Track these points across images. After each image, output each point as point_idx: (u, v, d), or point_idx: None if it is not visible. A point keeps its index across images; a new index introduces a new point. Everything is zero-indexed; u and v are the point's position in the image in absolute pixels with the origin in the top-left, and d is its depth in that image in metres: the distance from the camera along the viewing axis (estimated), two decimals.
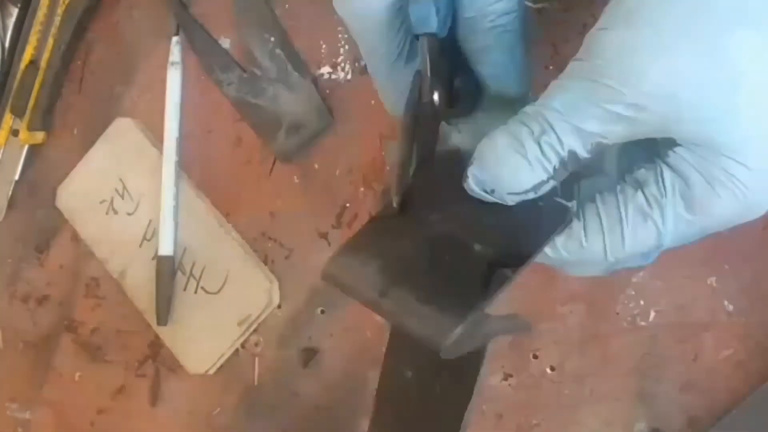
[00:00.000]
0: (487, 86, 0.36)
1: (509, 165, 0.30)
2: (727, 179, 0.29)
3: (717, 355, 0.43)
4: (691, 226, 0.30)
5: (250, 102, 0.53)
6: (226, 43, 0.54)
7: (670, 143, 0.30)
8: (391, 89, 0.38)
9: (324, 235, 0.52)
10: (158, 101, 0.55)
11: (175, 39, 0.54)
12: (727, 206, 0.29)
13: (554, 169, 0.30)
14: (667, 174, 0.30)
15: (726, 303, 0.43)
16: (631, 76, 0.28)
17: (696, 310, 0.43)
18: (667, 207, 0.30)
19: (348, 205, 0.51)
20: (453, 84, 0.35)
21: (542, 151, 0.30)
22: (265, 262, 0.53)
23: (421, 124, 0.34)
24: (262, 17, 0.52)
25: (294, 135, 0.52)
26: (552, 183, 0.31)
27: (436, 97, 0.34)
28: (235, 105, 0.53)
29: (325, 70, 0.51)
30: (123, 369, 0.59)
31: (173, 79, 0.55)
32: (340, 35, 0.50)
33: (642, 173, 0.31)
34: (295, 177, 0.52)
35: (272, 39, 0.52)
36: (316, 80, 0.51)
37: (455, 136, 0.36)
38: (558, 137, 0.30)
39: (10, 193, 0.62)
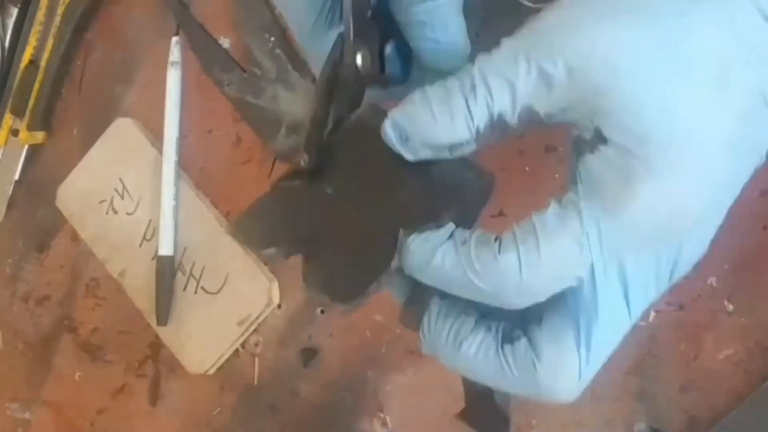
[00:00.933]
0: (419, 59, 0.34)
1: (430, 112, 0.29)
2: (646, 174, 0.27)
3: (717, 355, 0.43)
4: (610, 235, 0.28)
5: (249, 102, 0.53)
6: (226, 43, 0.54)
7: (596, 140, 0.28)
8: (314, 52, 0.36)
9: None
10: (158, 101, 0.55)
11: (175, 39, 0.54)
12: (643, 206, 0.27)
13: (477, 130, 0.29)
14: (584, 174, 0.28)
15: (726, 303, 0.43)
16: (570, 36, 0.27)
17: (696, 310, 0.43)
18: (584, 210, 0.28)
19: None
20: (383, 49, 0.34)
21: (468, 105, 0.29)
22: (265, 262, 0.53)
23: (340, 86, 0.33)
24: (262, 17, 0.52)
25: (294, 135, 0.52)
26: (472, 147, 0.30)
27: (359, 59, 0.33)
28: (235, 105, 0.53)
29: None
30: (123, 369, 0.59)
31: (173, 79, 0.55)
32: None
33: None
34: None
35: (272, 39, 0.52)
36: (316, 80, 0.51)
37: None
38: (489, 92, 0.28)
39: (10, 193, 0.62)
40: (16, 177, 0.61)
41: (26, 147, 0.61)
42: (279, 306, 0.53)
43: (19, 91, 0.59)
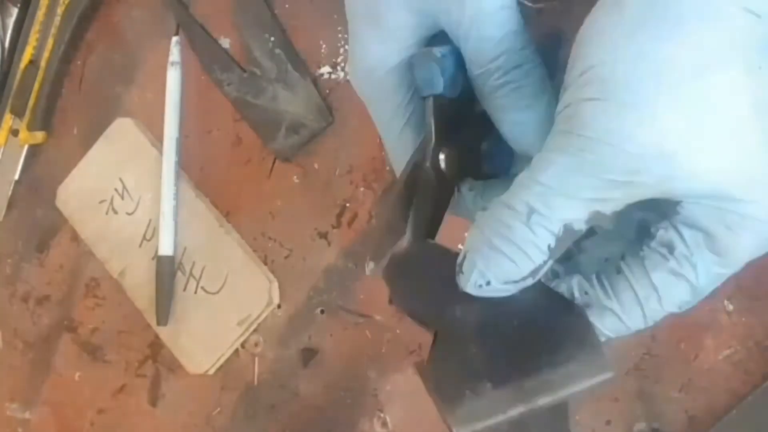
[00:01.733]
0: (511, 146, 0.33)
1: (502, 254, 0.29)
2: (743, 220, 0.28)
3: (717, 355, 0.43)
4: (721, 272, 0.30)
5: (249, 102, 0.53)
6: (226, 43, 0.54)
7: (674, 201, 0.29)
8: (399, 154, 0.36)
9: (324, 235, 0.52)
10: (158, 101, 0.55)
11: (175, 39, 0.54)
12: (750, 244, 0.29)
13: (549, 248, 0.28)
14: (687, 231, 0.29)
15: (726, 303, 0.43)
16: (621, 142, 0.27)
17: (696, 310, 0.43)
18: (698, 264, 0.29)
19: (348, 204, 0.51)
20: (478, 147, 0.33)
21: (533, 232, 0.28)
22: (265, 262, 0.53)
23: (422, 190, 0.32)
24: (262, 17, 0.52)
25: (294, 135, 0.52)
26: (550, 264, 0.29)
27: (441, 159, 0.31)
28: (234, 105, 0.53)
29: (325, 70, 0.51)
30: (123, 369, 0.59)
31: (173, 79, 0.55)
32: (340, 35, 0.50)
33: (662, 235, 0.30)
34: (295, 177, 0.52)
35: (272, 39, 0.51)
36: (316, 80, 0.51)
37: (469, 199, 0.34)
38: (549, 215, 0.28)
39: (10, 193, 0.62)
40: (16, 177, 0.61)
41: (26, 147, 0.61)
42: (279, 306, 0.53)
43: (19, 91, 0.59)
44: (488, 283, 0.29)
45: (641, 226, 0.31)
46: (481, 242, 0.29)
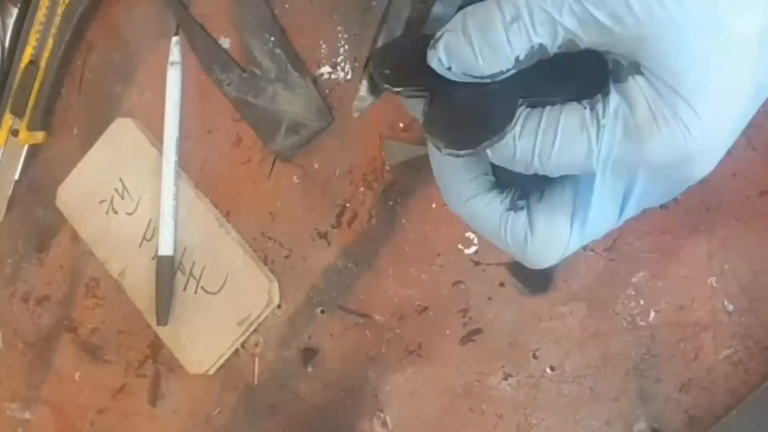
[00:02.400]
0: None
1: (472, 48, 0.30)
2: (671, 116, 0.29)
3: (717, 354, 0.43)
4: (623, 154, 0.30)
5: (249, 102, 0.53)
6: (226, 43, 0.54)
7: (632, 69, 0.30)
8: None
9: (324, 235, 0.52)
10: (158, 101, 0.55)
11: (175, 39, 0.54)
12: (663, 145, 0.29)
13: (517, 60, 0.30)
14: (615, 97, 0.30)
15: (726, 303, 0.43)
16: None
17: (696, 310, 0.43)
18: (606, 129, 0.30)
19: (348, 204, 0.51)
20: None
21: (509, 39, 0.29)
22: (265, 262, 0.53)
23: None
24: (262, 17, 0.52)
25: (293, 135, 0.52)
26: (512, 72, 0.30)
27: None
28: (234, 105, 0.53)
29: (325, 69, 0.51)
30: (123, 369, 0.59)
31: (173, 79, 0.55)
32: (340, 35, 0.50)
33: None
34: (295, 177, 0.52)
35: (272, 39, 0.51)
36: (316, 80, 0.51)
37: (437, 6, 0.35)
38: (531, 25, 0.29)
39: (10, 193, 0.62)
40: (16, 177, 0.61)
41: (26, 147, 0.61)
42: (279, 306, 0.53)
43: (19, 91, 0.59)
44: (449, 69, 0.31)
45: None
46: (459, 29, 0.31)
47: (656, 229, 0.44)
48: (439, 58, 0.31)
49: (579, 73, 0.32)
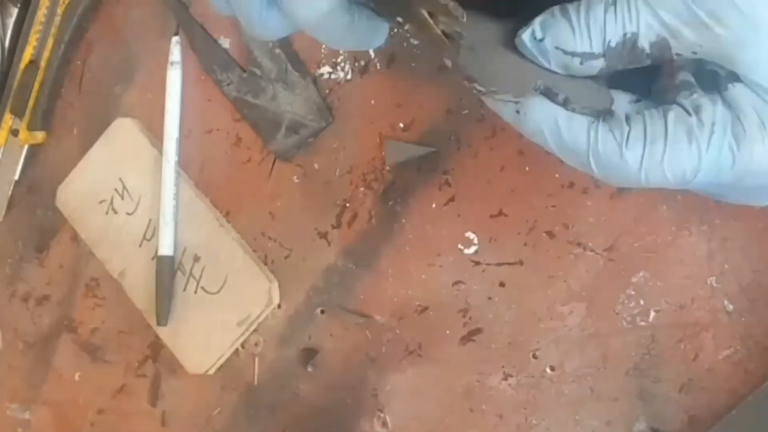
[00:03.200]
0: None
1: (569, 23, 0.30)
2: None
3: (717, 355, 0.43)
4: (730, 162, 0.30)
5: (249, 102, 0.53)
6: (226, 43, 0.54)
7: (731, 78, 0.30)
8: None
9: (324, 235, 0.52)
10: (158, 101, 0.55)
11: (175, 39, 0.54)
12: (764, 154, 0.29)
13: (608, 46, 0.30)
14: (722, 106, 0.30)
15: (726, 303, 0.43)
16: None
17: (696, 310, 0.43)
18: (715, 134, 0.29)
19: (348, 204, 0.51)
20: None
21: (605, 20, 0.30)
22: (265, 262, 0.53)
23: None
24: None
25: (293, 135, 0.52)
26: (601, 62, 0.30)
27: None
28: (234, 105, 0.53)
29: (325, 69, 0.51)
30: (123, 369, 0.59)
31: (173, 79, 0.55)
32: None
33: (696, 98, 0.30)
34: (295, 177, 0.52)
35: None
36: (315, 80, 0.51)
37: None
38: (629, 10, 0.29)
39: (10, 193, 0.62)
40: (16, 177, 0.61)
41: (26, 147, 0.61)
42: (279, 306, 0.53)
43: (19, 91, 0.59)
44: (541, 40, 0.31)
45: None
46: (557, 11, 0.31)
47: (656, 229, 0.44)
48: (533, 30, 0.31)
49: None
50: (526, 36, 0.31)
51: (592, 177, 0.32)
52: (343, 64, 0.50)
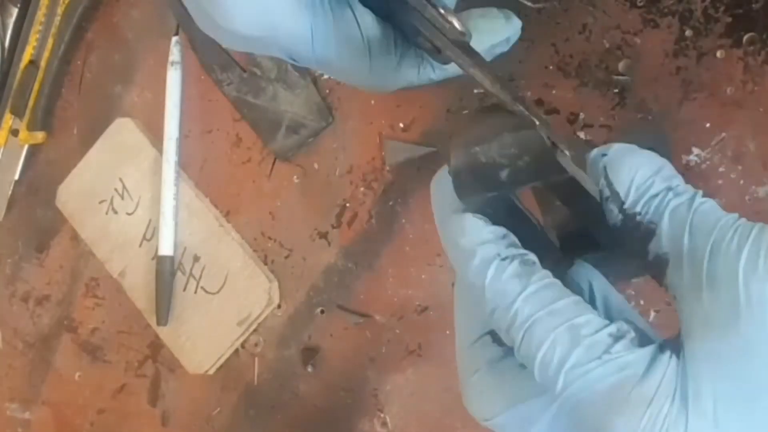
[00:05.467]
0: None
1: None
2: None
3: None
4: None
5: (249, 101, 0.53)
6: None
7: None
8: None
9: (324, 235, 0.52)
10: (158, 101, 0.55)
11: (175, 39, 0.54)
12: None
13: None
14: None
15: None
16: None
17: None
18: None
19: (348, 204, 0.51)
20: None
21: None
22: (265, 262, 0.53)
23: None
24: None
25: (293, 134, 0.52)
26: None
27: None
28: (234, 105, 0.53)
29: None
30: (123, 369, 0.59)
31: (173, 79, 0.55)
32: None
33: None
34: (295, 177, 0.52)
35: None
36: (315, 80, 0.51)
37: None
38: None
39: (10, 193, 0.62)
40: (16, 177, 0.61)
41: (26, 147, 0.61)
42: (279, 306, 0.53)
43: (19, 91, 0.59)
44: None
45: None
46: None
47: None
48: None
49: None
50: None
51: None
52: None
